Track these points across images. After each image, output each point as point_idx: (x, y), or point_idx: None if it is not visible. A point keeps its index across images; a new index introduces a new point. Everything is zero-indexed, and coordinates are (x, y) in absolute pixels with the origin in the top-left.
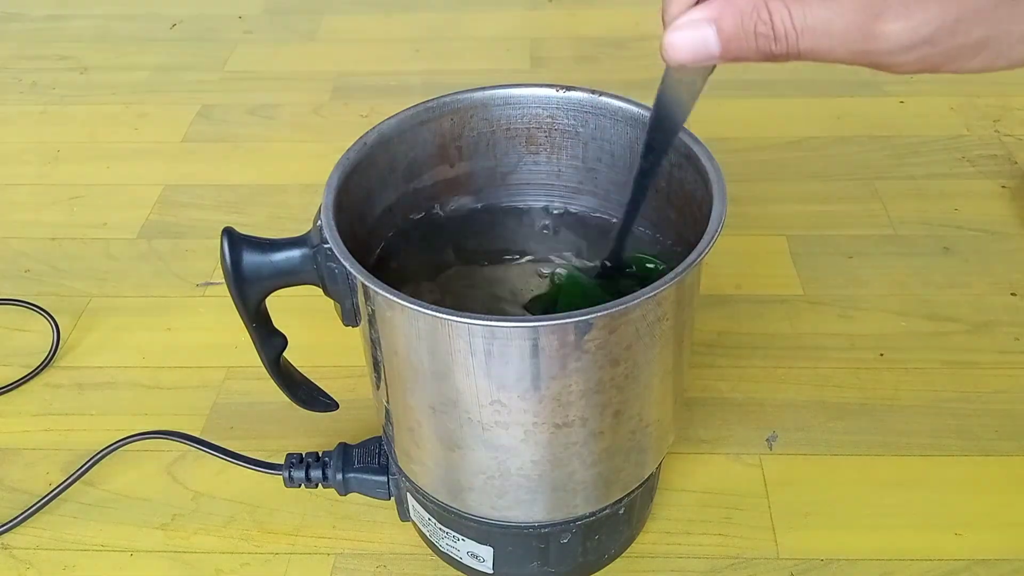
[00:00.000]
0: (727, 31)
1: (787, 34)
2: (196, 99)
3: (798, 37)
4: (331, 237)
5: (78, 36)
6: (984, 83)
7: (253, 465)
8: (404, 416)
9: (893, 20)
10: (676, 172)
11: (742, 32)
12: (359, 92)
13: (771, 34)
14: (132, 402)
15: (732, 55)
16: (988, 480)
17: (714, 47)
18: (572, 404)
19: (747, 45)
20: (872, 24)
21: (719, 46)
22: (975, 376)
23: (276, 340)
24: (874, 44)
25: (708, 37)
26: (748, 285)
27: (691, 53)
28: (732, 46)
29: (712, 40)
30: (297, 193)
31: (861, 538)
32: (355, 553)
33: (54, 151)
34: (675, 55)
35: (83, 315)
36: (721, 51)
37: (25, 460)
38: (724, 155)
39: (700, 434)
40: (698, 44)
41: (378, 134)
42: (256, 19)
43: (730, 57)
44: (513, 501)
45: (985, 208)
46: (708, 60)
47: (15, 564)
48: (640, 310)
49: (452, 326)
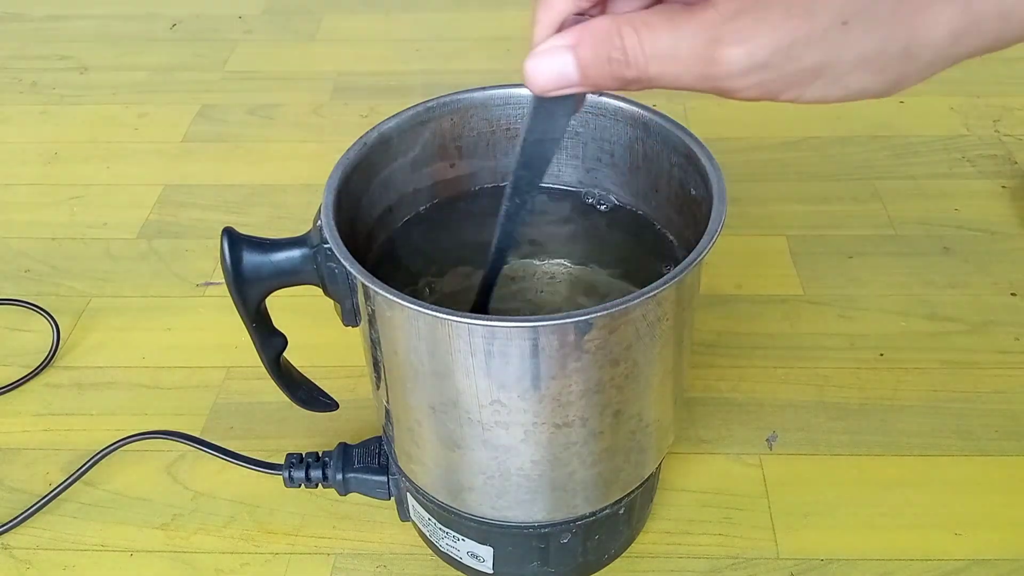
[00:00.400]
0: (585, 58)
1: (637, 60)
2: (196, 99)
3: (647, 63)
4: (331, 237)
5: (78, 36)
6: (984, 83)
7: (253, 465)
8: (404, 416)
9: (731, 45)
10: (676, 172)
11: (598, 58)
12: (359, 92)
13: (624, 59)
14: (132, 402)
15: (591, 82)
16: (988, 480)
17: (573, 75)
18: (572, 404)
19: (603, 71)
20: (713, 49)
21: (578, 74)
22: (975, 376)
23: (276, 340)
24: (714, 68)
25: (567, 64)
26: (748, 285)
27: (551, 81)
28: (590, 72)
29: (571, 67)
30: (297, 193)
31: (861, 538)
32: (355, 553)
33: (54, 151)
34: (536, 83)
35: (83, 315)
36: (580, 78)
37: (25, 460)
38: (724, 155)
39: (700, 434)
40: (558, 72)
41: (378, 134)
42: (256, 19)
43: (590, 84)
44: (513, 501)
45: (985, 208)
46: (569, 88)
47: (15, 564)
48: (640, 310)
49: (452, 326)
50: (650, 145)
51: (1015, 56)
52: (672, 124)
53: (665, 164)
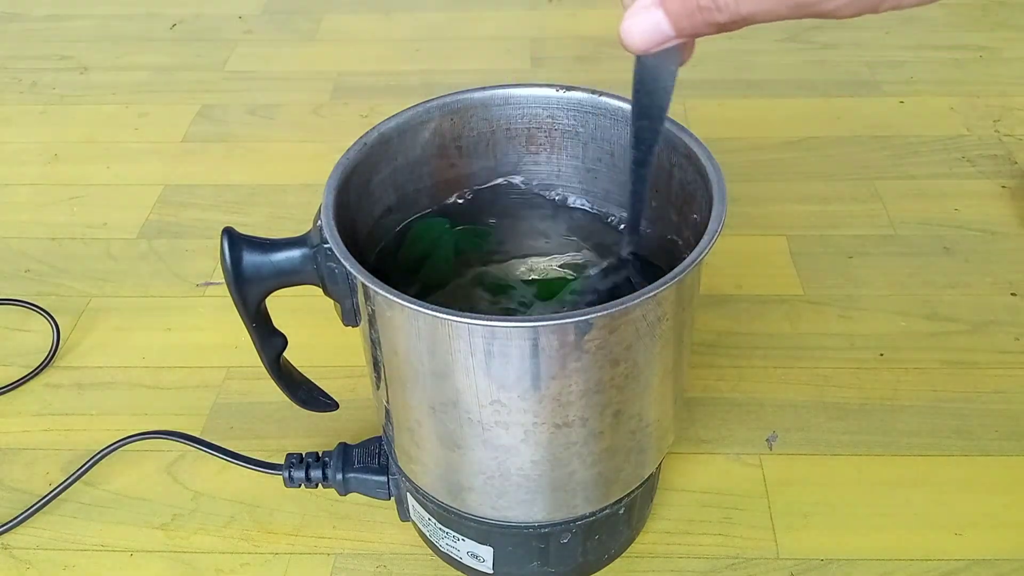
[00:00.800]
0: (674, 11)
1: (727, 4)
2: (196, 99)
3: (737, 4)
4: (331, 237)
5: (78, 36)
6: (984, 83)
7: (253, 465)
8: (404, 416)
9: None
10: (676, 172)
11: (687, 8)
12: (359, 92)
13: (712, 5)
14: (132, 402)
15: (687, 33)
16: (988, 480)
17: (667, 28)
18: (572, 404)
19: (695, 20)
20: None
21: (671, 27)
22: (975, 376)
23: (276, 340)
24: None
25: (659, 20)
26: (748, 285)
27: (647, 38)
28: (683, 23)
29: (663, 22)
30: (297, 193)
31: (861, 538)
32: (355, 553)
33: (54, 151)
34: (633, 43)
35: (83, 315)
36: (675, 31)
37: (25, 460)
38: (724, 155)
39: (700, 434)
40: (651, 29)
41: (378, 134)
42: (256, 19)
43: (685, 35)
44: (513, 501)
45: (985, 208)
46: (666, 42)
47: (15, 564)
48: (640, 310)
49: (452, 326)
50: None
51: (1015, 56)
52: (672, 124)
53: (665, 164)
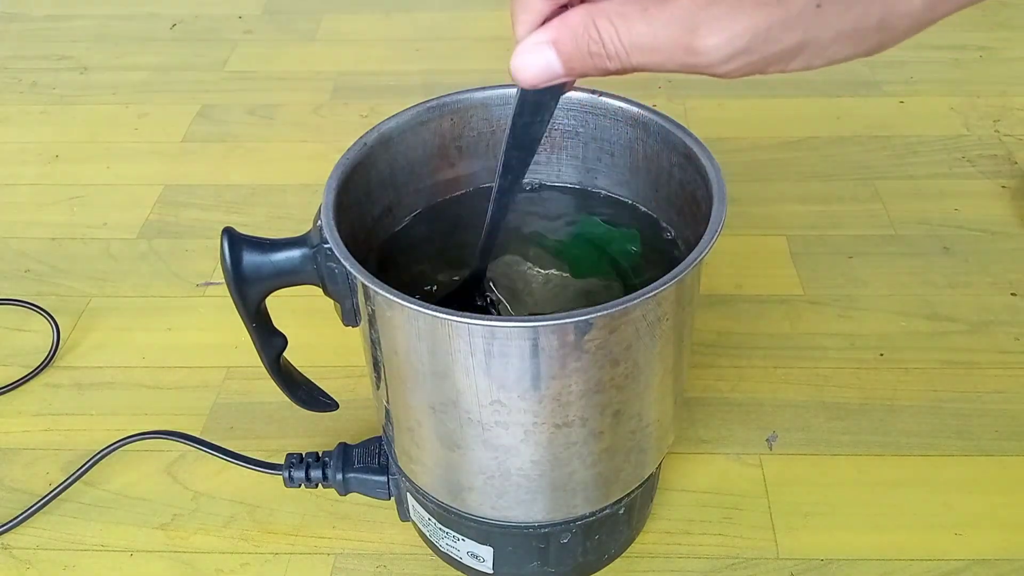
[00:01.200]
0: (565, 52)
1: (617, 52)
2: (196, 99)
3: (628, 54)
4: (331, 237)
5: (78, 36)
6: (984, 83)
7: (253, 465)
8: (404, 416)
9: (708, 35)
10: (676, 172)
11: (578, 52)
12: (359, 92)
13: (603, 52)
14: (132, 402)
15: (576, 73)
16: (988, 480)
17: (557, 68)
18: (572, 404)
19: (586, 63)
20: (691, 40)
21: (561, 66)
22: (975, 376)
23: (276, 340)
24: (696, 58)
25: (550, 59)
26: (748, 285)
27: (537, 75)
28: (573, 64)
29: (554, 61)
30: (297, 193)
31: (861, 538)
32: (355, 553)
33: (54, 151)
34: (524, 78)
35: (83, 315)
36: (564, 70)
37: (25, 460)
38: (724, 155)
39: (700, 434)
40: (542, 66)
41: (378, 134)
42: (256, 19)
43: (575, 75)
44: (513, 501)
45: (985, 208)
46: (556, 79)
47: (15, 564)
48: (640, 310)
49: (452, 326)
50: (650, 145)
51: (1015, 56)
52: (672, 124)
53: (665, 164)
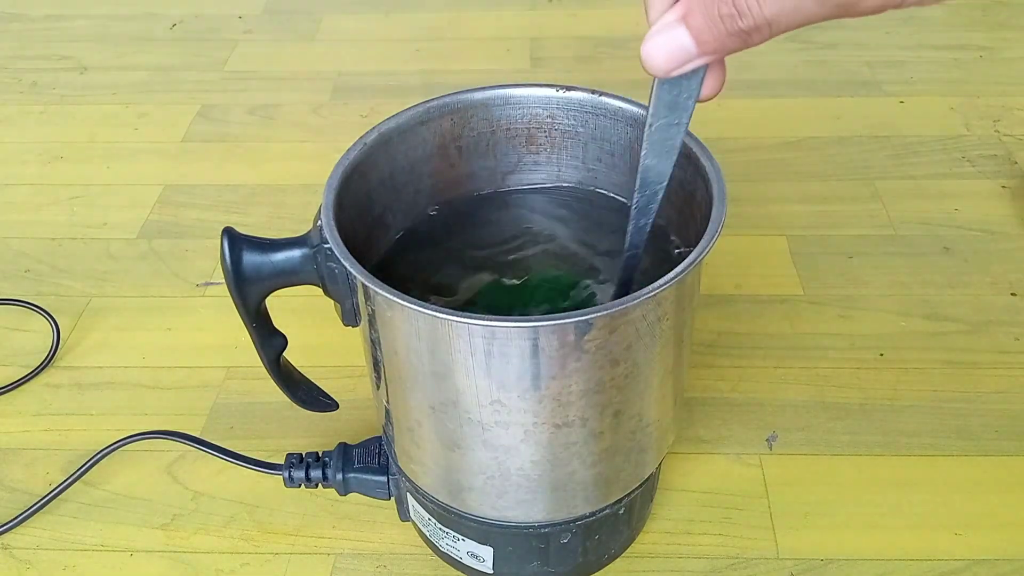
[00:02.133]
0: (697, 25)
1: (749, 6)
2: (196, 99)
3: (760, 5)
4: (331, 237)
5: (78, 36)
6: (984, 83)
7: (253, 465)
8: (404, 416)
9: None
10: (676, 172)
11: (710, 21)
12: (359, 92)
13: (735, 12)
14: (132, 402)
15: (710, 49)
16: (988, 480)
17: (690, 46)
18: (572, 404)
19: (718, 32)
20: None
21: (694, 44)
22: (975, 376)
23: (276, 340)
24: None
25: (681, 37)
26: (748, 285)
27: (670, 59)
28: (706, 38)
29: (686, 40)
30: (297, 193)
31: (861, 538)
32: (355, 553)
33: (54, 151)
34: (656, 64)
35: (83, 315)
36: (698, 49)
37: (25, 460)
38: (724, 155)
39: (700, 434)
40: (673, 47)
41: (378, 134)
42: (256, 19)
43: (709, 52)
44: (513, 501)
45: (985, 208)
46: (690, 62)
47: (15, 564)
48: (640, 310)
49: (452, 326)
50: None
51: (1015, 56)
52: None
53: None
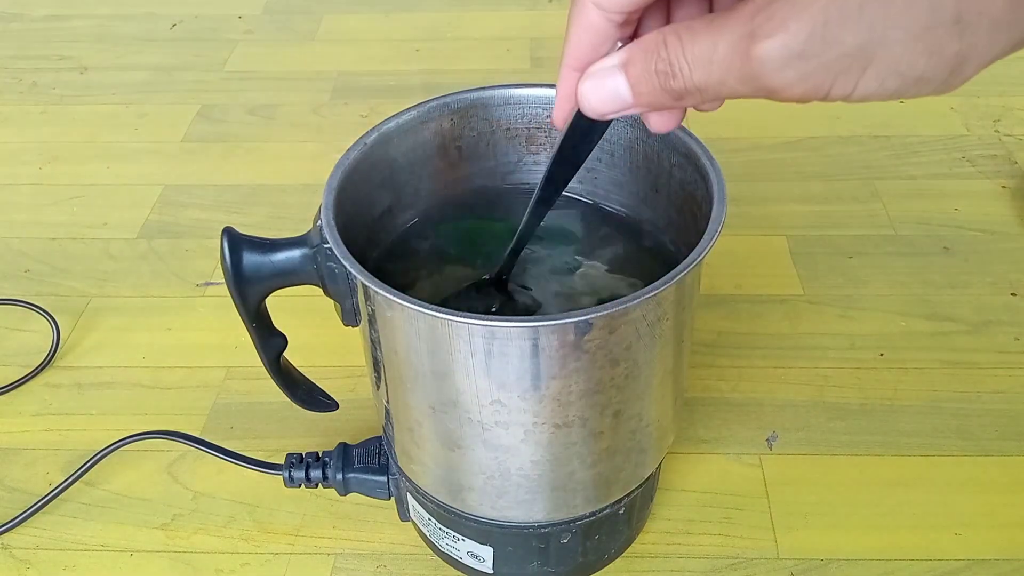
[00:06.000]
0: (635, 75)
1: (681, 68)
2: (196, 99)
3: (691, 70)
4: (331, 237)
5: (78, 36)
6: (984, 83)
7: (253, 465)
8: (404, 416)
9: (764, 38)
10: (676, 172)
11: (647, 74)
12: (359, 92)
13: (669, 70)
14: (132, 402)
15: (644, 102)
16: (988, 480)
17: (626, 95)
18: (572, 404)
19: (653, 87)
20: (748, 45)
21: (631, 93)
22: (975, 376)
23: (276, 340)
24: (752, 66)
25: (620, 85)
26: (748, 285)
27: (604, 103)
28: (642, 90)
29: (623, 88)
30: (297, 193)
31: (861, 538)
32: (355, 553)
33: (54, 151)
34: (590, 106)
35: (83, 315)
36: (633, 100)
37: (25, 460)
38: (724, 155)
39: (700, 434)
40: (610, 92)
41: (378, 134)
42: (256, 19)
43: (643, 104)
44: (513, 501)
45: (985, 208)
46: (624, 110)
47: (15, 564)
48: (640, 310)
49: (452, 326)
50: (650, 145)
51: (1015, 56)
52: None
53: (665, 164)
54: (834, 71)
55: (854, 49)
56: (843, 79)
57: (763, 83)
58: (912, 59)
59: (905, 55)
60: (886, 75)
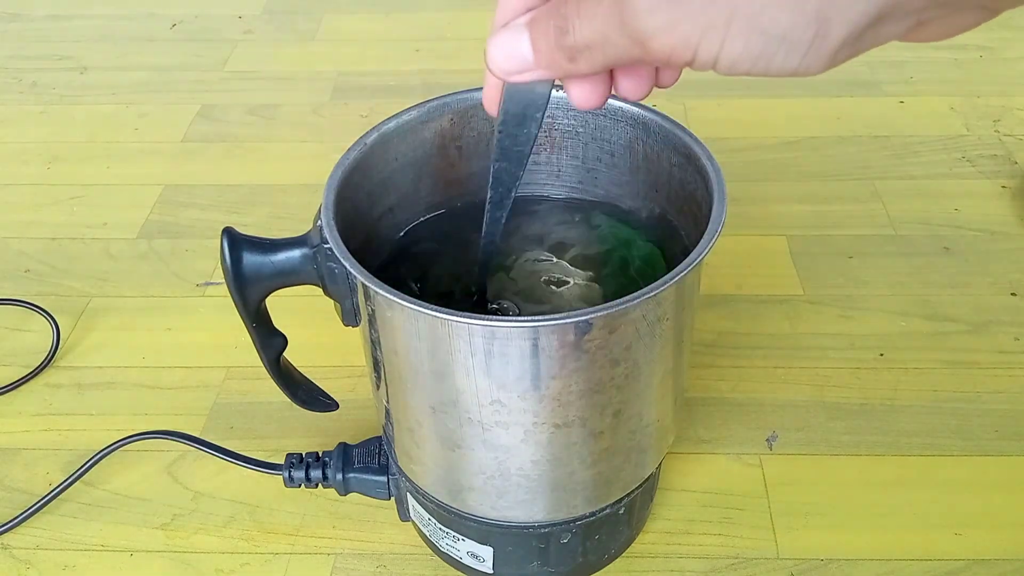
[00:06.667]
0: (536, 32)
1: (572, 23)
2: (196, 99)
3: (580, 23)
4: (331, 237)
5: (78, 36)
6: (984, 83)
7: (253, 465)
8: (404, 416)
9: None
10: (676, 172)
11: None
12: (359, 92)
13: (563, 25)
14: (132, 402)
15: (544, 62)
16: (988, 480)
17: (527, 54)
18: (572, 404)
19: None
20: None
21: (532, 52)
22: (975, 376)
23: (276, 340)
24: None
25: (522, 43)
26: (748, 285)
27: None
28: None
29: (525, 46)
30: (297, 193)
31: (861, 538)
32: (355, 553)
33: (54, 151)
34: (495, 64)
35: (83, 315)
36: (534, 58)
37: (25, 460)
38: (724, 155)
39: (700, 434)
40: (513, 50)
41: (378, 134)
42: (256, 19)
43: (543, 65)
44: (513, 501)
45: (985, 208)
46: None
47: (15, 564)
48: (640, 310)
49: (452, 326)
50: (650, 145)
51: (1015, 56)
52: (672, 124)
53: (665, 164)
54: (700, 23)
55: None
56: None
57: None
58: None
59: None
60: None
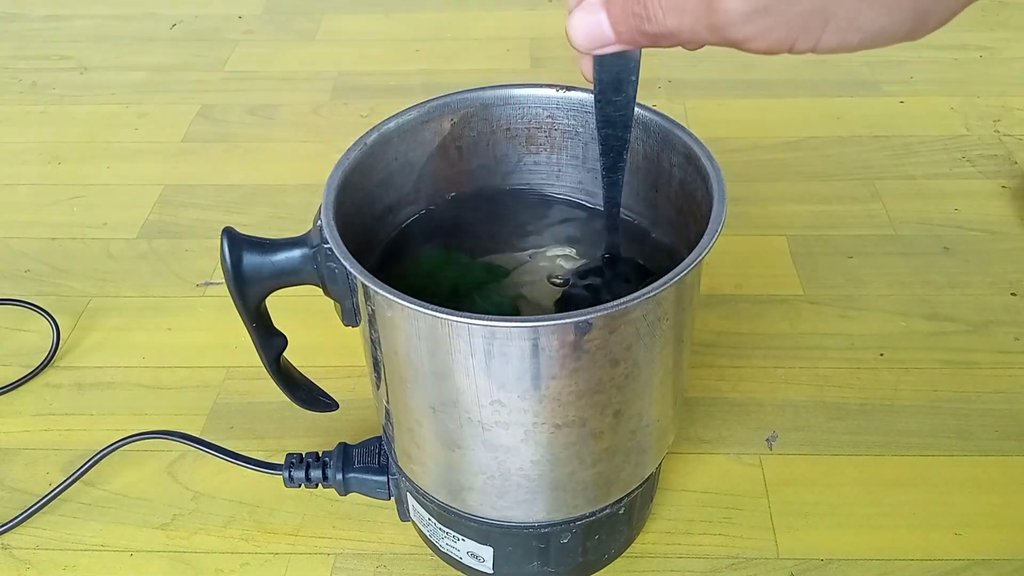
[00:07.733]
0: (615, 14)
1: (655, 14)
2: (196, 99)
3: (664, 16)
4: (331, 237)
5: (78, 36)
6: (984, 83)
7: (253, 465)
8: (404, 416)
9: None
10: (676, 172)
11: (625, 15)
12: (359, 92)
13: (644, 13)
14: (132, 402)
15: (625, 40)
16: (988, 480)
17: (607, 31)
18: (572, 404)
19: (630, 26)
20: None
21: (611, 30)
22: (975, 376)
23: (276, 340)
24: (716, 17)
25: (601, 22)
26: (748, 285)
27: (588, 37)
28: (620, 29)
29: (605, 24)
30: (297, 193)
31: (861, 538)
32: (355, 553)
33: (54, 151)
34: (575, 40)
35: (83, 315)
36: (614, 36)
37: (25, 460)
38: (724, 155)
39: (700, 434)
40: (592, 28)
41: (378, 134)
42: (256, 19)
43: (624, 42)
44: (513, 501)
45: (985, 208)
46: (606, 46)
47: (15, 564)
48: (640, 310)
49: (452, 326)
50: (650, 145)
51: (1015, 56)
52: (672, 124)
53: (665, 164)
54: (795, 28)
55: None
56: (804, 36)
57: (727, 35)
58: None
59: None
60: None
